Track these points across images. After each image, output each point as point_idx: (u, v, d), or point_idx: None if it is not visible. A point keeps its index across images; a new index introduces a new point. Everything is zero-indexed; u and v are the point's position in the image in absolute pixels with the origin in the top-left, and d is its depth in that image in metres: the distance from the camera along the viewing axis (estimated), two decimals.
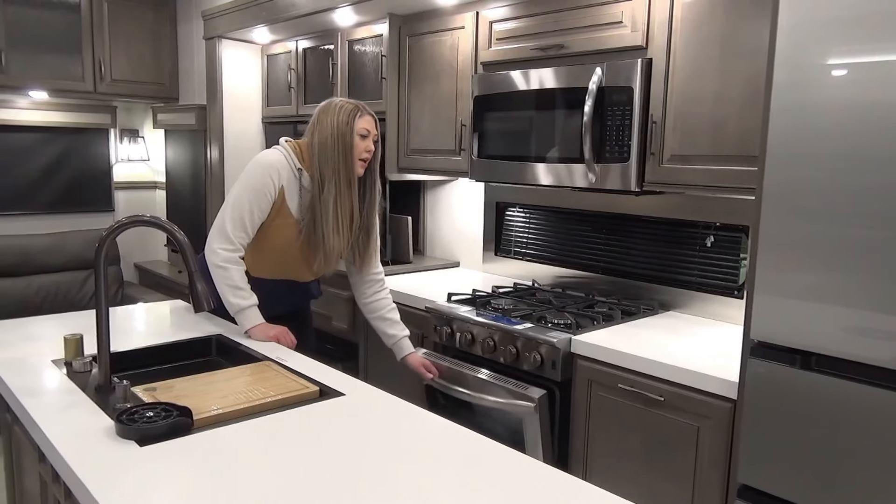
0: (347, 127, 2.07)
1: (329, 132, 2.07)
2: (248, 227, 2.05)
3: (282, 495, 1.12)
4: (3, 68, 3.95)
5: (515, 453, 1.30)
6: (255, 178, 2.05)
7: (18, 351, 1.85)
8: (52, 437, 1.32)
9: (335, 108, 2.10)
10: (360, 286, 2.33)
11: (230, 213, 2.04)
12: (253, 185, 2.05)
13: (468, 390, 2.28)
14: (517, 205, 3.05)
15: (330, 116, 2.09)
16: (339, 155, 2.07)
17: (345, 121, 2.07)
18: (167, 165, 4.77)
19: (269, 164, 2.07)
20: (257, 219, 2.07)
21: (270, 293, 2.12)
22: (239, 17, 3.63)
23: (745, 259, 2.28)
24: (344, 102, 2.13)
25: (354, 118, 2.09)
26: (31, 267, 4.10)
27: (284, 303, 2.23)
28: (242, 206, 2.04)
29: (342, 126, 2.07)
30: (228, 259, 2.03)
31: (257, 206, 2.05)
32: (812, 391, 1.53)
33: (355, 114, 2.10)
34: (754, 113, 1.90)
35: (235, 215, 2.04)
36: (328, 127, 2.08)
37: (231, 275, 2.02)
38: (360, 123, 2.09)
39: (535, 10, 2.47)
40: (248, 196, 2.04)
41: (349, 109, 2.10)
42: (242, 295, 2.02)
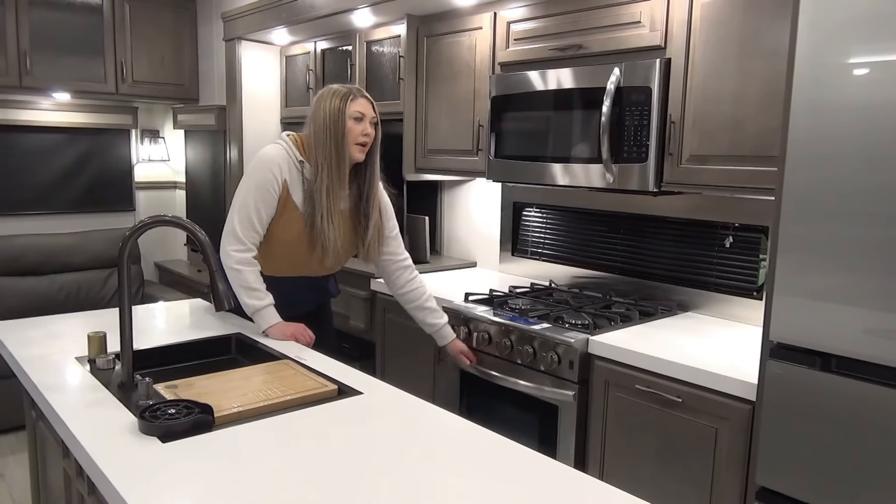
0: (339, 112, 2.04)
1: (322, 118, 2.05)
2: (256, 226, 2.05)
3: (300, 492, 1.13)
4: (27, 70, 4.01)
5: (533, 453, 1.30)
6: (258, 175, 2.05)
7: (43, 348, 1.88)
8: (76, 433, 1.34)
9: (328, 94, 2.08)
10: (389, 276, 2.32)
11: (237, 213, 2.05)
12: (256, 182, 2.04)
13: (506, 376, 2.29)
14: (534, 205, 3.05)
15: (323, 103, 2.07)
16: (330, 141, 2.04)
17: (337, 105, 2.05)
18: (187, 165, 4.82)
19: (270, 159, 2.06)
20: (265, 216, 2.06)
21: (288, 292, 2.13)
22: (258, 19, 3.66)
23: (764, 260, 2.26)
24: (337, 87, 2.09)
25: (347, 102, 2.05)
26: (54, 266, 4.17)
27: (303, 302, 2.24)
28: (248, 205, 2.04)
29: (334, 111, 2.04)
30: (241, 260, 2.03)
31: (263, 204, 2.04)
32: (832, 393, 1.51)
33: (347, 97, 2.06)
34: (774, 113, 1.89)
35: (243, 215, 2.04)
36: (321, 113, 2.06)
37: (245, 276, 2.03)
38: (353, 107, 2.06)
39: (554, 10, 2.47)
40: (253, 194, 2.04)
41: (341, 93, 2.07)
42: (258, 295, 2.03)
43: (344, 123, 2.04)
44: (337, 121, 2.04)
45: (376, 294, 2.98)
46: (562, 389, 2.15)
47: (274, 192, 2.05)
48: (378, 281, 2.95)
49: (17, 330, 2.06)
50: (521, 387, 2.25)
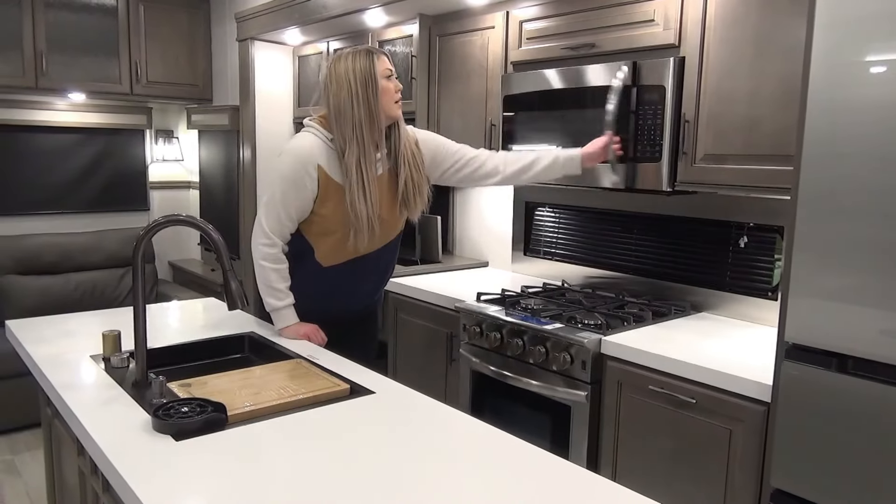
0: (369, 73, 1.92)
1: (349, 84, 1.92)
2: (283, 219, 1.99)
3: (313, 490, 1.14)
4: (43, 71, 4.05)
5: (545, 453, 1.30)
6: (287, 168, 1.97)
7: (58, 346, 1.90)
8: (91, 431, 1.35)
9: (348, 57, 1.95)
10: (487, 179, 2.20)
11: (265, 207, 2.00)
12: (284, 175, 1.97)
13: (519, 376, 2.29)
14: (547, 204, 3.04)
15: (344, 67, 1.94)
16: (361, 107, 1.92)
17: (364, 67, 1.93)
18: (201, 165, 4.85)
19: (300, 149, 1.97)
20: (293, 210, 1.99)
21: (347, 284, 2.10)
22: (271, 19, 3.67)
23: (779, 260, 2.24)
24: (352, 50, 1.97)
25: (373, 61, 1.94)
26: (69, 265, 4.21)
27: (360, 293, 2.18)
28: (275, 199, 1.98)
29: (363, 73, 1.92)
30: (266, 256, 2.00)
31: (294, 197, 1.97)
32: (848, 395, 1.50)
33: (372, 56, 1.94)
34: (789, 112, 1.87)
35: (270, 209, 1.99)
36: (347, 78, 1.93)
37: (268, 274, 2.01)
38: (382, 64, 1.96)
39: (566, 9, 2.46)
40: (281, 187, 1.97)
41: (363, 53, 1.94)
42: (278, 295, 2.02)
43: (377, 83, 1.93)
44: (367, 83, 1.92)
45: (388, 293, 2.98)
46: (574, 390, 2.14)
47: (306, 184, 1.96)
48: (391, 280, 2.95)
49: (33, 328, 2.08)
50: (534, 387, 2.25)
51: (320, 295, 2.10)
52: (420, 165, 2.11)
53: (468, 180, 2.25)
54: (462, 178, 2.23)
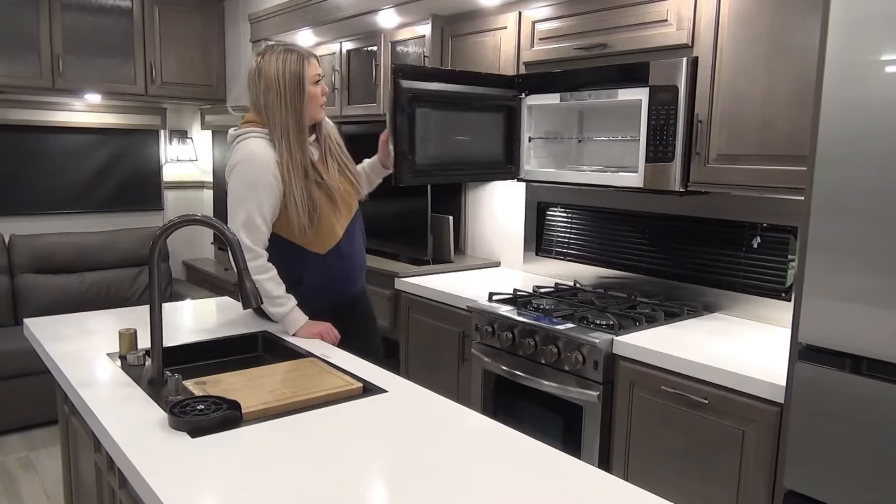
0: (299, 78, 1.95)
1: (276, 87, 1.94)
2: (261, 227, 1.99)
3: (326, 488, 1.15)
4: (60, 72, 4.10)
5: (557, 452, 1.30)
6: (253, 177, 1.97)
7: (75, 344, 1.92)
8: (108, 428, 1.37)
9: (277, 59, 1.95)
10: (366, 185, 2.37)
11: (243, 223, 1.97)
12: (253, 183, 1.96)
13: (531, 376, 2.29)
14: (558, 205, 3.04)
15: (273, 70, 1.95)
16: (287, 112, 1.94)
17: (295, 70, 1.95)
18: (214, 165, 4.89)
19: (257, 156, 1.97)
20: (269, 215, 1.99)
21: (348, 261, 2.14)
22: (284, 20, 3.69)
23: (792, 260, 2.23)
24: (283, 49, 1.97)
25: (303, 66, 1.96)
26: (84, 264, 4.25)
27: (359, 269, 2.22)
28: (251, 210, 1.96)
29: (293, 78, 1.94)
30: (255, 270, 1.97)
31: (266, 202, 1.97)
32: (862, 396, 1.49)
33: (302, 61, 1.96)
34: (803, 112, 1.86)
35: (248, 223, 1.97)
36: (274, 82, 1.94)
37: (263, 286, 1.99)
38: (312, 70, 1.99)
39: (579, 9, 2.46)
40: (254, 196, 1.96)
41: (293, 58, 1.95)
42: (280, 302, 2.02)
43: (304, 89, 1.96)
44: (295, 87, 1.95)
45: (400, 293, 3.00)
46: (586, 390, 2.14)
47: (272, 184, 1.97)
48: (402, 280, 2.97)
49: (50, 326, 2.10)
50: (546, 387, 2.25)
51: (330, 282, 2.13)
52: (342, 148, 2.21)
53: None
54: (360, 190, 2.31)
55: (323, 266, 2.11)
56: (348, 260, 2.16)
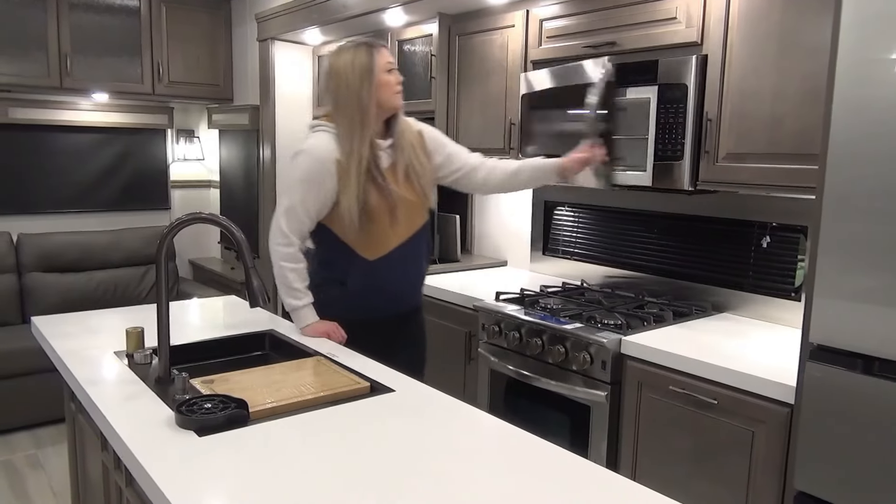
0: (368, 69, 1.94)
1: (345, 80, 1.94)
2: (303, 219, 1.98)
3: (333, 487, 1.14)
4: (67, 71, 4.11)
5: (565, 452, 1.29)
6: (306, 169, 1.97)
7: (83, 343, 1.92)
8: (115, 426, 1.37)
9: (346, 54, 1.96)
10: (479, 186, 2.21)
11: (285, 210, 1.99)
12: (304, 176, 1.96)
13: (538, 376, 2.29)
14: (566, 204, 3.02)
15: (342, 64, 1.96)
16: (357, 102, 1.94)
17: (364, 62, 1.94)
18: (221, 165, 4.89)
19: (315, 149, 1.97)
20: (313, 210, 1.98)
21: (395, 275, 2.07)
22: (291, 19, 3.69)
23: (802, 260, 2.22)
24: (352, 45, 1.98)
25: (373, 56, 1.95)
26: (91, 263, 4.26)
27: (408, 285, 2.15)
28: (295, 201, 1.97)
29: (363, 68, 1.94)
30: (285, 256, 2.01)
31: (314, 197, 1.96)
32: (874, 397, 1.48)
33: (372, 51, 1.96)
34: (814, 110, 1.85)
35: (290, 211, 1.98)
36: (343, 75, 1.95)
37: (286, 274, 2.01)
38: (382, 58, 1.97)
39: (587, 7, 2.45)
40: (302, 188, 1.97)
41: (363, 48, 1.95)
42: (296, 295, 2.02)
43: (374, 78, 1.94)
44: (365, 76, 1.94)
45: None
46: (594, 390, 2.13)
47: (325, 182, 1.95)
48: None
49: (58, 325, 2.10)
50: (553, 387, 2.24)
51: (374, 291, 2.07)
52: (423, 153, 2.11)
53: (459, 185, 2.25)
54: (455, 180, 2.23)
55: (369, 273, 2.03)
56: (399, 273, 2.08)
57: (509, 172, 2.20)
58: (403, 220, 2.04)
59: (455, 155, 2.19)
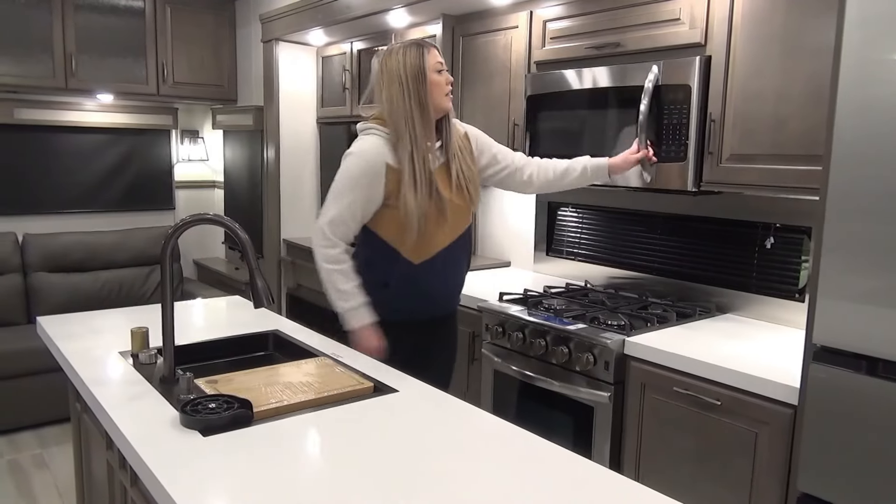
0: (419, 68, 1.92)
1: (398, 80, 1.92)
2: (348, 222, 1.94)
3: (336, 487, 1.15)
4: (73, 72, 4.13)
5: (568, 453, 1.29)
6: (356, 171, 1.93)
7: (88, 343, 1.93)
8: (120, 425, 1.37)
9: (399, 52, 1.94)
10: (526, 186, 2.21)
11: (330, 211, 1.94)
12: (354, 177, 1.93)
13: (541, 376, 2.29)
14: (569, 204, 3.03)
15: (395, 62, 1.94)
16: (411, 100, 1.91)
17: (415, 62, 1.92)
18: (225, 165, 4.90)
19: (367, 151, 1.94)
20: (360, 213, 1.95)
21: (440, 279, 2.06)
22: (295, 20, 3.70)
23: (806, 261, 2.21)
24: (403, 45, 1.96)
25: (423, 56, 1.93)
26: (96, 263, 4.28)
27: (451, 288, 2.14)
28: (343, 203, 1.93)
29: (414, 68, 1.92)
30: (328, 258, 1.94)
31: (362, 199, 1.93)
32: (877, 398, 1.48)
33: (422, 50, 1.94)
34: (818, 111, 1.85)
35: (335, 213, 1.94)
36: (396, 75, 1.93)
37: (330, 277, 1.95)
38: (433, 58, 1.95)
39: (591, 8, 2.45)
40: (351, 190, 1.93)
41: (415, 48, 1.94)
42: (344, 297, 1.95)
43: (426, 78, 1.93)
44: (417, 77, 1.92)
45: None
46: (597, 391, 2.13)
47: (374, 184, 1.93)
48: None
49: (63, 325, 2.11)
50: (556, 387, 2.24)
51: (417, 295, 2.04)
52: (470, 156, 2.10)
53: (504, 184, 2.23)
54: (500, 180, 2.21)
55: (413, 276, 2.00)
56: (442, 278, 2.06)
57: (559, 172, 2.20)
58: (452, 223, 2.02)
59: (501, 154, 2.19)
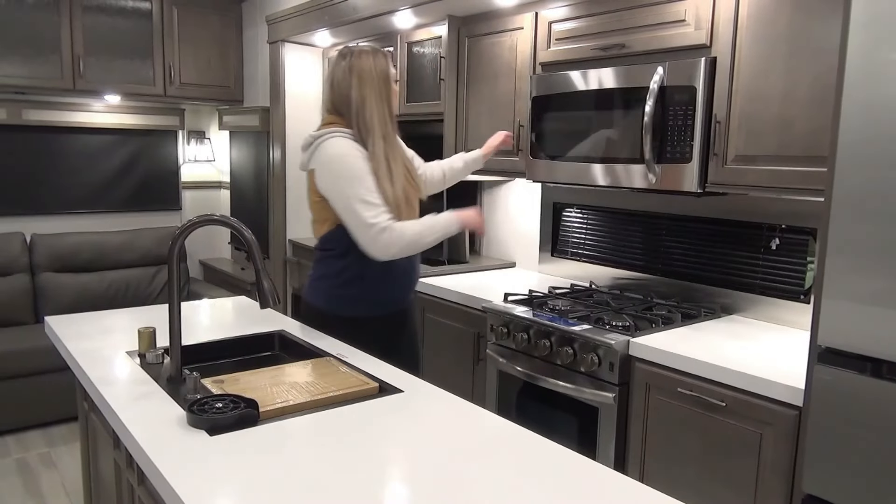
0: (387, 74, 2.05)
1: (371, 81, 2.02)
2: (375, 201, 1.97)
3: (342, 485, 1.15)
4: (80, 74, 4.15)
5: (572, 453, 1.30)
6: (347, 168, 1.97)
7: (95, 342, 1.94)
8: (127, 424, 1.38)
9: (368, 57, 2.04)
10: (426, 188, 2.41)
11: (358, 206, 1.95)
12: (350, 174, 1.96)
13: (546, 377, 2.29)
14: (574, 205, 3.03)
15: (367, 66, 2.03)
16: (383, 103, 2.04)
17: (384, 68, 2.05)
18: (231, 166, 4.92)
19: (344, 147, 1.98)
20: (377, 191, 1.98)
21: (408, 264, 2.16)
22: (302, 22, 3.72)
23: (811, 262, 2.21)
24: (369, 49, 2.07)
25: (388, 64, 2.07)
26: (104, 263, 4.30)
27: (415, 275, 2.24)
28: (361, 195, 1.95)
29: (383, 73, 2.04)
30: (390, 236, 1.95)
31: (370, 181, 1.98)
32: (883, 400, 1.47)
33: (387, 59, 2.07)
34: (823, 112, 1.85)
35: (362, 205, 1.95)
36: (368, 76, 2.02)
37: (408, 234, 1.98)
38: (392, 69, 2.09)
39: (596, 9, 2.46)
40: (356, 185, 1.96)
41: (381, 55, 2.07)
42: (430, 228, 2.04)
43: (391, 83, 2.07)
44: (387, 81, 2.05)
45: (416, 293, 3.00)
46: (602, 391, 2.13)
47: (369, 170, 1.99)
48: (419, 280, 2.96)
49: (71, 324, 2.13)
50: (561, 388, 2.25)
51: (390, 281, 2.13)
52: (404, 154, 2.23)
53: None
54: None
55: (386, 265, 2.06)
56: (410, 261, 2.15)
57: (445, 169, 2.51)
58: (414, 209, 2.16)
59: (414, 157, 2.35)
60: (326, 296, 2.12)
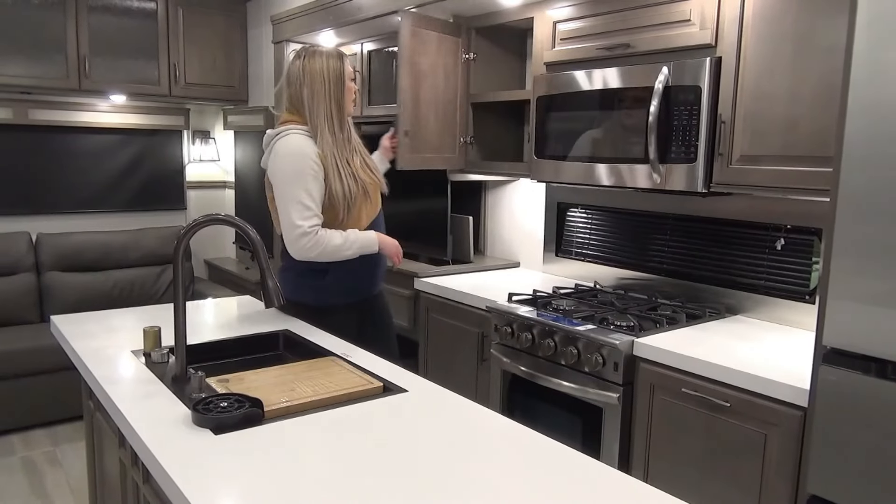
0: (340, 73, 2.16)
1: (322, 80, 2.15)
2: (313, 208, 2.11)
3: (346, 485, 1.16)
4: (86, 73, 4.16)
5: (576, 453, 1.30)
6: (297, 165, 2.10)
7: (101, 341, 1.95)
8: (132, 423, 1.39)
9: (320, 58, 2.16)
10: None
11: (290, 206, 2.10)
12: (294, 172, 2.10)
13: (550, 377, 2.30)
14: (579, 205, 3.03)
15: (318, 65, 2.15)
16: (332, 102, 2.15)
17: (337, 67, 2.16)
18: (236, 165, 4.93)
19: (296, 146, 2.12)
20: (317, 197, 2.12)
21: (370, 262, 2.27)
22: (306, 21, 3.72)
23: (816, 263, 2.21)
24: (323, 50, 2.18)
25: (343, 63, 2.18)
26: (109, 262, 4.32)
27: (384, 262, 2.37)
28: (298, 195, 2.10)
29: (335, 72, 2.16)
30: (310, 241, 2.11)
31: (314, 186, 2.11)
32: (888, 400, 1.47)
33: (342, 59, 2.18)
34: (829, 112, 1.84)
35: (296, 206, 2.10)
36: (319, 76, 2.15)
37: (331, 244, 2.13)
38: (348, 67, 2.19)
39: (601, 9, 2.45)
40: (301, 183, 2.10)
41: (335, 55, 2.18)
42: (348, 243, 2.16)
43: (344, 83, 2.18)
44: (338, 81, 2.16)
45: (420, 293, 3.00)
46: (606, 391, 2.13)
47: (316, 170, 2.12)
48: (422, 280, 2.97)
49: (77, 324, 2.14)
50: (565, 388, 2.24)
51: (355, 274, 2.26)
52: (364, 149, 2.34)
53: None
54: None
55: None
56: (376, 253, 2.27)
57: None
58: (373, 201, 2.29)
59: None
60: (293, 285, 2.25)
